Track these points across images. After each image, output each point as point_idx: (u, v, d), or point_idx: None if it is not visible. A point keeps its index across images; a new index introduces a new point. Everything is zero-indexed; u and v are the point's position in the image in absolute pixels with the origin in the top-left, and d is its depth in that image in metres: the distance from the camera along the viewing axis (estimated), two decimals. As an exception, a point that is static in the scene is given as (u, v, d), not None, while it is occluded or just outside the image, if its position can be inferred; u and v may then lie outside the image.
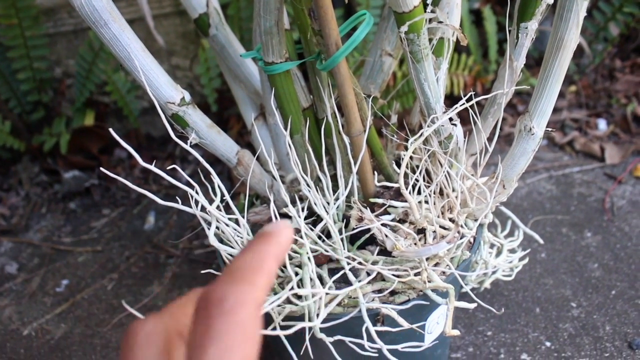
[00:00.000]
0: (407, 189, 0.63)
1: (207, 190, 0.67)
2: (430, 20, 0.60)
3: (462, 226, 0.66)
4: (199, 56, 1.35)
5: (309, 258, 0.61)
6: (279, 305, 0.63)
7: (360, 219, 0.65)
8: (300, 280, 0.61)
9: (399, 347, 0.59)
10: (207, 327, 0.27)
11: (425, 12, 0.59)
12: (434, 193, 0.67)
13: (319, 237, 0.66)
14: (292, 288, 0.59)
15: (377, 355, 0.62)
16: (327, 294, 0.63)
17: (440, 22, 0.61)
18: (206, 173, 0.64)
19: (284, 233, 0.32)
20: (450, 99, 1.41)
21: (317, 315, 0.60)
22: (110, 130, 0.56)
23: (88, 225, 1.34)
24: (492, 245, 0.91)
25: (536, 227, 1.15)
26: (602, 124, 1.44)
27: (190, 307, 0.31)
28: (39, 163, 1.50)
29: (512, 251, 0.95)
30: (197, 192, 0.63)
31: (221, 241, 0.67)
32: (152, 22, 1.27)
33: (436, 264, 0.66)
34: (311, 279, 0.60)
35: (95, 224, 1.34)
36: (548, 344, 0.90)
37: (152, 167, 0.59)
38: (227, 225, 0.64)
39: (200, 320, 0.27)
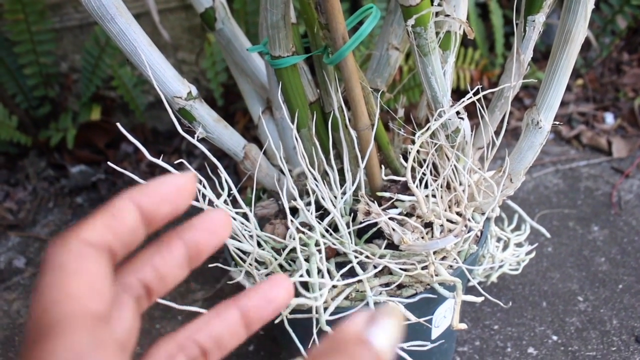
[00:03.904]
0: (414, 182, 0.63)
1: (214, 184, 0.68)
2: (437, 14, 0.60)
3: (469, 220, 0.66)
4: (205, 50, 1.35)
5: (318, 250, 0.61)
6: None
7: (368, 213, 0.65)
8: (308, 271, 0.62)
9: (405, 345, 0.60)
10: None
11: (432, 5, 0.59)
12: (441, 187, 0.67)
13: (327, 231, 0.66)
14: (301, 276, 0.59)
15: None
16: (334, 286, 0.63)
17: (447, 15, 0.61)
18: (213, 167, 0.64)
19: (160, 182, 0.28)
20: (457, 93, 1.41)
21: (325, 309, 0.60)
22: (119, 126, 0.57)
23: (95, 219, 1.35)
24: (499, 239, 0.90)
25: (543, 221, 1.14)
26: (609, 118, 1.43)
27: None
28: (46, 158, 1.51)
29: (519, 245, 0.95)
30: (204, 187, 0.63)
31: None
32: (157, 16, 1.27)
33: (443, 258, 0.66)
34: (319, 270, 0.60)
35: (102, 219, 1.34)
36: (555, 337, 0.90)
37: (160, 162, 0.59)
38: (234, 219, 0.65)
39: None
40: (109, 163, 0.60)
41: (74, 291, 0.24)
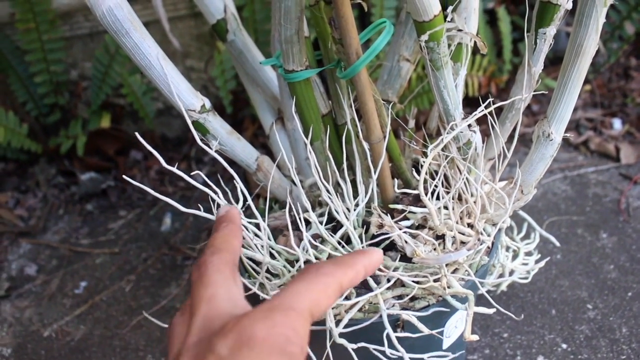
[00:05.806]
0: (426, 195, 0.63)
1: (224, 192, 0.68)
2: (450, 29, 0.61)
3: (481, 232, 0.67)
4: (215, 58, 1.36)
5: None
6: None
7: (381, 225, 0.65)
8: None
9: (424, 356, 0.60)
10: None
11: (445, 21, 0.59)
12: (453, 199, 0.68)
13: (339, 243, 0.66)
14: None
15: (396, 360, 0.63)
16: (347, 298, 0.63)
17: (460, 30, 0.62)
18: (223, 174, 0.64)
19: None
20: (465, 100, 1.41)
21: (339, 321, 0.60)
22: (137, 135, 0.57)
23: (105, 226, 1.36)
24: (508, 248, 0.91)
25: (551, 228, 1.15)
26: (617, 124, 1.43)
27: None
28: (56, 165, 1.52)
29: (529, 254, 0.95)
30: (218, 196, 0.63)
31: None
32: (167, 24, 1.27)
33: (455, 270, 0.66)
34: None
35: (112, 226, 1.36)
36: (564, 346, 0.91)
37: (175, 170, 0.59)
38: (247, 229, 0.65)
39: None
40: (124, 176, 0.60)
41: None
